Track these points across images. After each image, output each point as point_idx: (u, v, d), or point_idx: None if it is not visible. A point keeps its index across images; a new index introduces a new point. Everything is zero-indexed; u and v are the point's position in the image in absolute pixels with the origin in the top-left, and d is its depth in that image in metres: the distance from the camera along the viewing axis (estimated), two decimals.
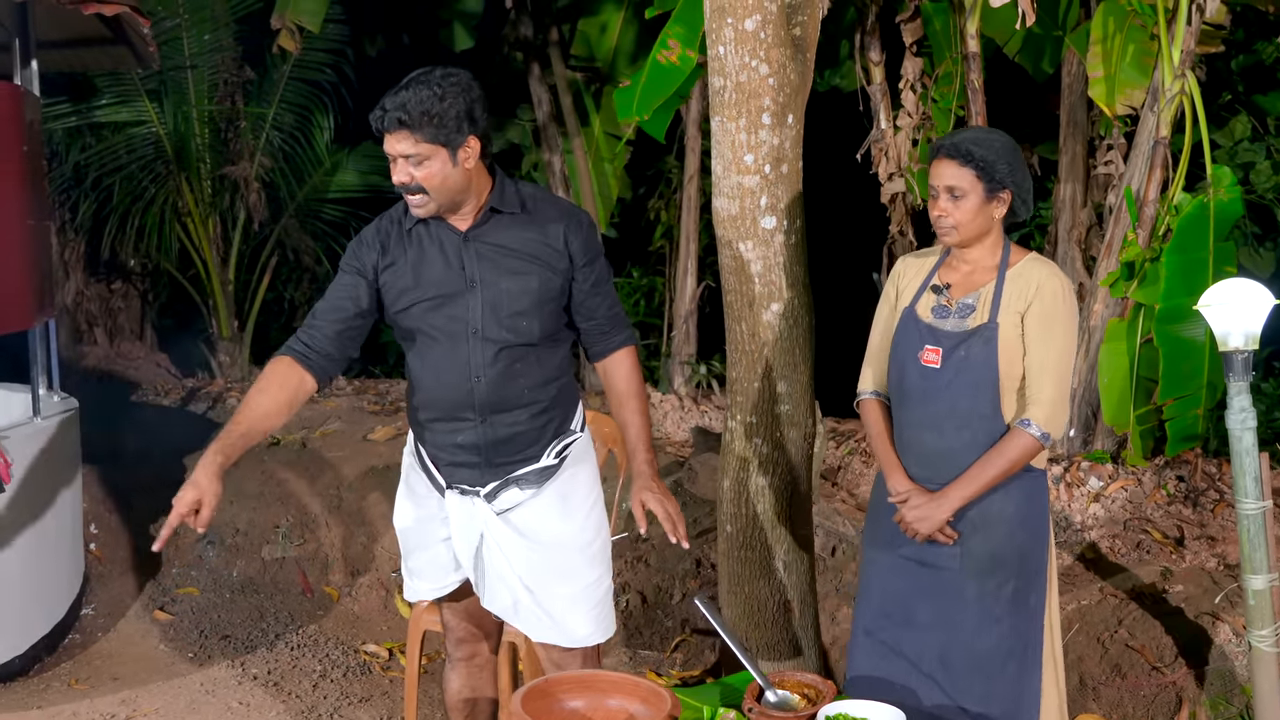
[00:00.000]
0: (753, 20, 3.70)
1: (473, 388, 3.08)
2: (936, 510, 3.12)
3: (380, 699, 4.68)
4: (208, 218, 8.55)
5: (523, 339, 3.08)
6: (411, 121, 2.89)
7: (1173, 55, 5.10)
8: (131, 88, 8.15)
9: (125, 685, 4.77)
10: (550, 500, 3.19)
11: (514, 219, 3.08)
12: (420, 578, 3.33)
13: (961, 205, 3.09)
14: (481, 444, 3.10)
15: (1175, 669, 4.17)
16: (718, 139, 3.86)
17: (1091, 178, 6.36)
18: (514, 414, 3.10)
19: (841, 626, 4.77)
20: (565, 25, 8.44)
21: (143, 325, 10.20)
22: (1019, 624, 3.16)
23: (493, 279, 3.05)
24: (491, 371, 3.07)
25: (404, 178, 2.96)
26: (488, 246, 3.06)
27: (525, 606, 3.18)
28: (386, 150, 2.96)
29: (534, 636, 3.21)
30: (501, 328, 3.05)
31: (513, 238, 3.07)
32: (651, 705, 2.72)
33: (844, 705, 2.81)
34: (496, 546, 3.18)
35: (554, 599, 3.17)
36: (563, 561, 3.19)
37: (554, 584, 3.17)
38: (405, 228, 3.10)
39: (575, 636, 3.20)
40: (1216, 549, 4.89)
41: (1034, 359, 3.08)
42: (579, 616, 3.20)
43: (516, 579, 3.16)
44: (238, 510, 6.03)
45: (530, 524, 3.18)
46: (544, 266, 3.07)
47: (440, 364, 3.10)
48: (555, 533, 3.19)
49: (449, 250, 3.06)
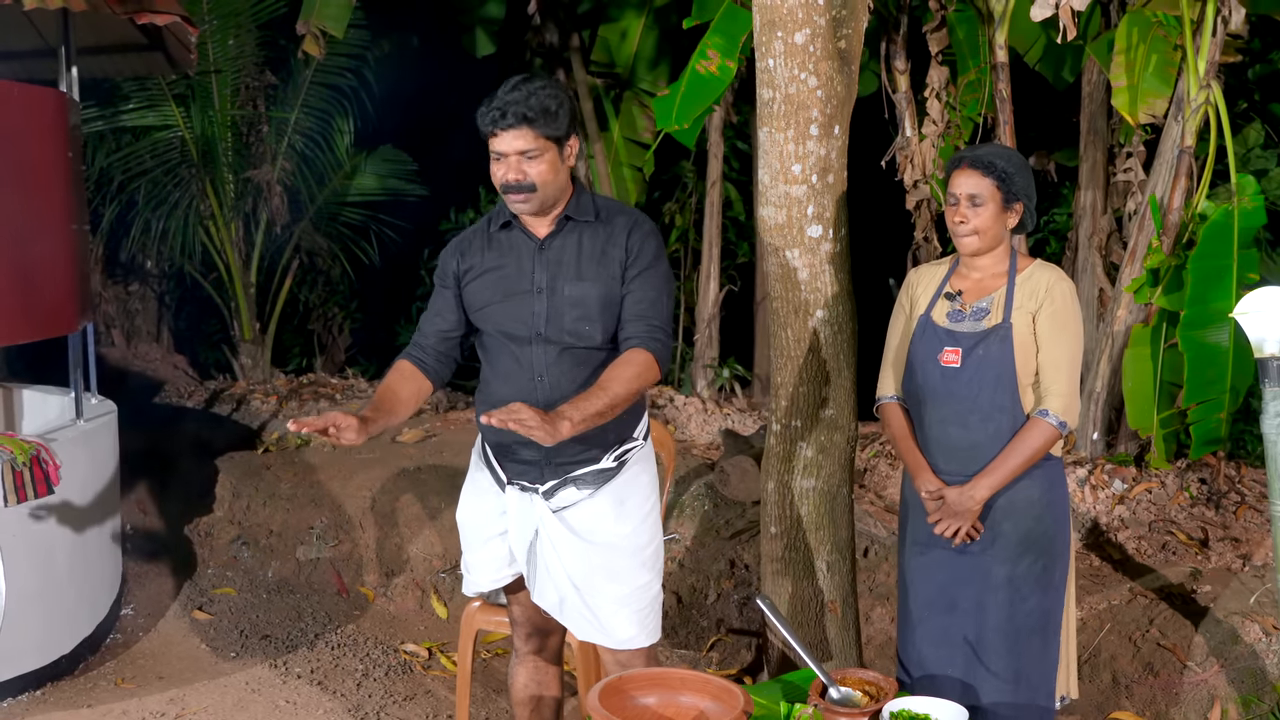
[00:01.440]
0: (802, 34, 3.79)
1: (535, 388, 3.19)
2: (970, 501, 3.33)
3: (424, 698, 4.76)
4: (231, 221, 8.62)
5: (585, 343, 3.18)
6: (535, 117, 3.05)
7: (1198, 66, 5.20)
8: (158, 93, 8.22)
9: (171, 684, 4.85)
10: (606, 502, 3.28)
11: (587, 227, 3.21)
12: (477, 571, 3.44)
13: (981, 213, 3.32)
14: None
15: (1206, 667, 4.26)
16: (765, 149, 3.94)
17: (1111, 185, 6.46)
18: None
19: (875, 626, 4.86)
20: (585, 31, 8.53)
21: (159, 327, 10.28)
22: (1044, 601, 3.39)
23: (559, 285, 3.17)
24: (554, 372, 3.18)
25: (516, 175, 3.09)
26: (559, 254, 3.19)
27: (571, 604, 3.27)
28: (498, 149, 3.09)
29: (578, 635, 3.31)
30: (564, 332, 3.17)
31: (584, 246, 3.19)
32: (723, 702, 2.81)
33: (908, 701, 2.90)
34: (550, 543, 3.27)
35: (600, 599, 3.26)
36: (613, 563, 3.28)
37: (602, 584, 3.26)
38: (491, 232, 3.24)
39: (618, 638, 3.28)
40: (1240, 550, 4.98)
41: (1047, 355, 3.31)
42: (624, 619, 3.28)
43: (565, 577, 3.26)
44: (271, 511, 6.11)
45: (584, 524, 3.27)
46: (609, 274, 3.19)
47: (506, 364, 3.23)
48: (608, 534, 3.27)
49: (524, 257, 3.20)
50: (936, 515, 3.37)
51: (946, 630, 3.45)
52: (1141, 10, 5.49)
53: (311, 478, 6.25)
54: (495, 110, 3.06)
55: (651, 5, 8.05)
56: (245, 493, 6.21)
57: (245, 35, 8.38)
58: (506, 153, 3.08)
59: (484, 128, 3.09)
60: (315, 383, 8.56)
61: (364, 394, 8.13)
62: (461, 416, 7.17)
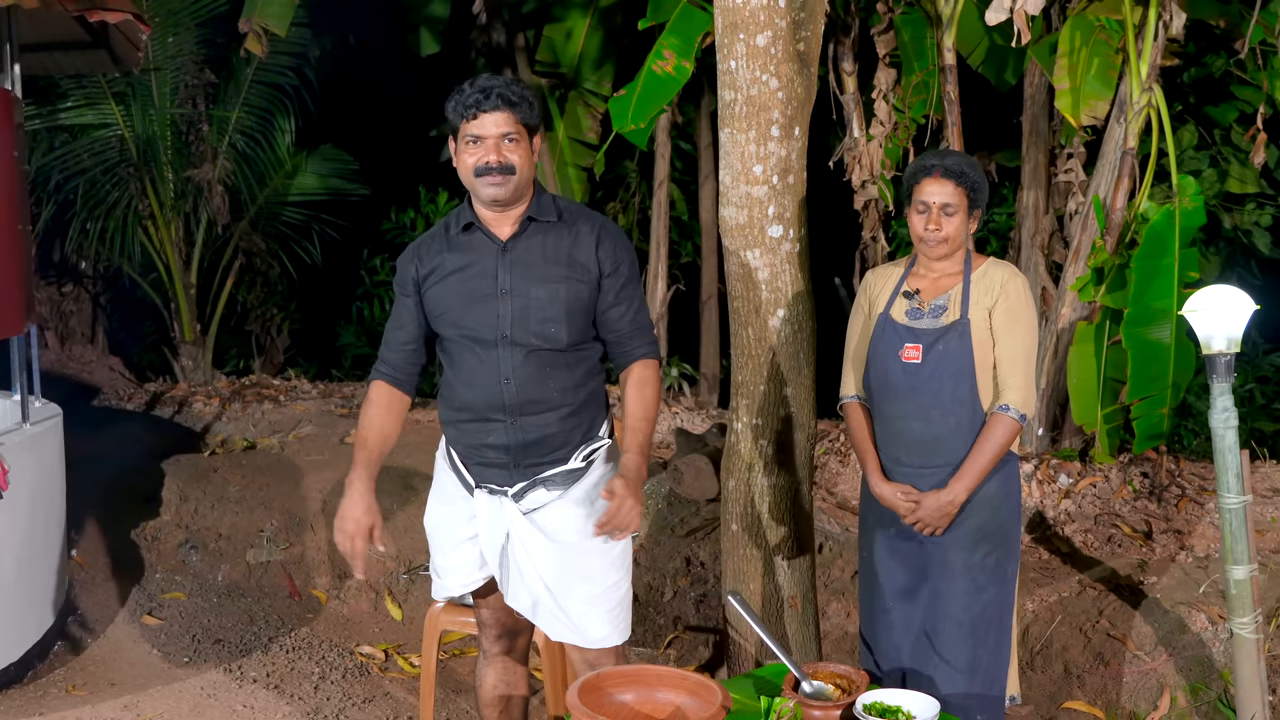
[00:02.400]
0: (764, 36, 3.84)
1: (502, 390, 3.19)
2: (948, 505, 3.42)
3: (383, 700, 4.75)
4: (171, 221, 8.52)
5: (551, 344, 3.20)
6: (517, 101, 3.10)
7: (1140, 69, 5.32)
8: (97, 91, 8.10)
9: (125, 691, 4.79)
10: (575, 502, 3.29)
11: (550, 228, 3.21)
12: (447, 575, 3.42)
13: (953, 220, 3.44)
14: (511, 445, 3.21)
15: (1155, 656, 4.37)
16: (727, 150, 3.98)
17: (1053, 185, 6.58)
18: (543, 416, 3.21)
19: (832, 621, 4.92)
20: (530, 31, 8.54)
21: (94, 329, 10.12)
22: (999, 594, 3.49)
23: (524, 288, 3.17)
24: (521, 374, 3.19)
25: (495, 157, 3.10)
26: (523, 256, 3.19)
27: (545, 606, 3.28)
28: (478, 131, 3.10)
29: (552, 635, 3.32)
30: (530, 334, 3.18)
31: (547, 248, 3.20)
32: (700, 698, 2.84)
33: (880, 694, 2.95)
34: (521, 545, 3.27)
35: (573, 599, 3.27)
36: (584, 563, 3.29)
37: (574, 585, 3.27)
38: (451, 235, 3.24)
39: (591, 638, 3.29)
40: (1184, 542, 5.11)
41: (1004, 350, 3.42)
42: (596, 618, 3.30)
43: (538, 578, 3.27)
44: (220, 515, 6.05)
45: (554, 525, 3.28)
46: (575, 276, 3.20)
47: (473, 367, 3.22)
48: (578, 534, 3.28)
49: (487, 258, 3.20)
50: (913, 518, 3.45)
51: (909, 621, 3.54)
52: (1084, 14, 5.61)
53: (260, 480, 6.19)
54: (477, 93, 3.08)
55: (596, 6, 8.07)
56: (193, 496, 6.13)
57: (185, 33, 8.29)
58: (487, 135, 3.09)
59: (462, 111, 3.10)
60: (258, 384, 8.48)
61: (307, 395, 8.08)
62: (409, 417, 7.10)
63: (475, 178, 3.14)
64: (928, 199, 3.42)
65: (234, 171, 8.69)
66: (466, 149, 3.13)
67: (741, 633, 4.24)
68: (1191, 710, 4.21)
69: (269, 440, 6.84)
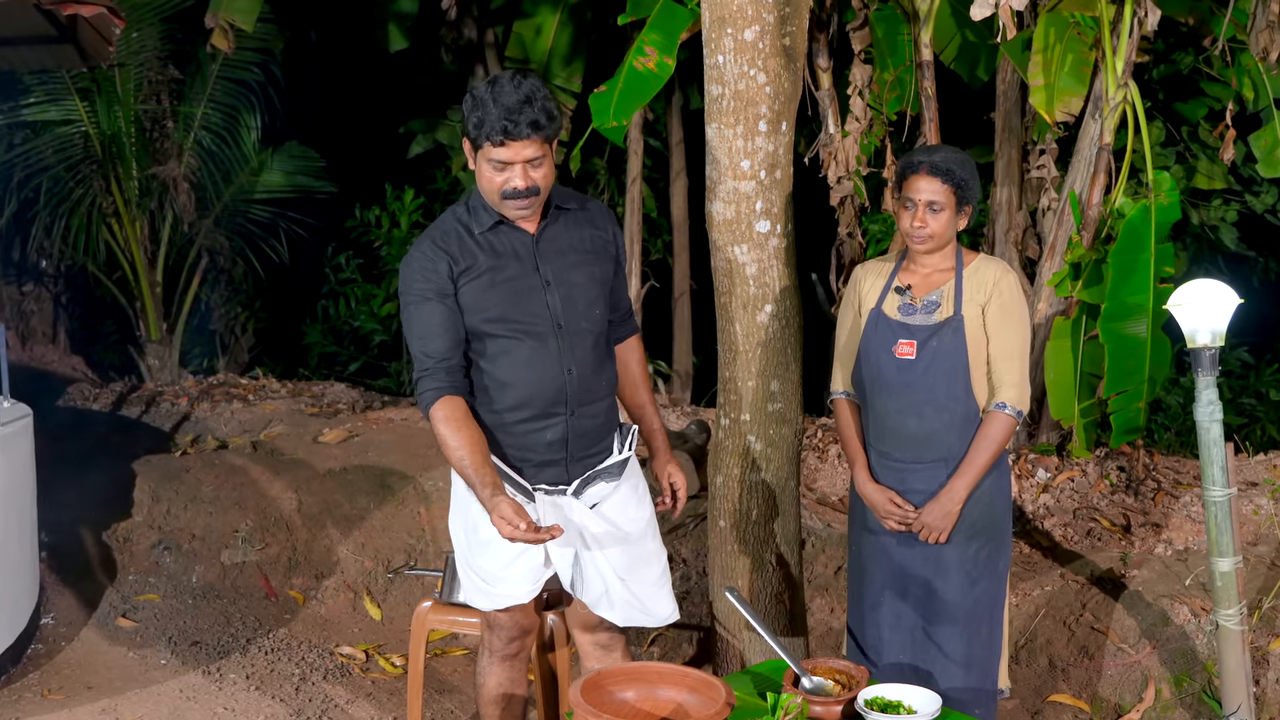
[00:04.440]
0: (752, 31, 3.83)
1: (565, 382, 3.20)
2: (951, 506, 3.43)
3: (365, 700, 4.70)
4: (136, 219, 8.40)
5: (597, 327, 3.25)
6: (544, 124, 3.01)
7: (1115, 65, 5.35)
8: (61, 86, 7.97)
9: (102, 694, 4.72)
10: (629, 489, 3.37)
11: (571, 215, 3.25)
12: (509, 584, 3.34)
13: (940, 217, 3.45)
14: (568, 439, 3.23)
15: (1140, 649, 4.40)
16: (714, 145, 3.97)
17: (1025, 181, 6.61)
18: (596, 405, 3.27)
19: (816, 617, 4.92)
20: (500, 27, 8.49)
21: (55, 328, 9.96)
22: (991, 587, 3.53)
23: (564, 275, 3.19)
24: (580, 362, 3.21)
25: (525, 182, 3.04)
26: (555, 245, 3.20)
27: (616, 594, 3.33)
28: (504, 158, 3.01)
29: (622, 622, 3.38)
30: (580, 318, 3.20)
31: (573, 234, 3.24)
32: (703, 695, 2.83)
33: (881, 689, 2.95)
34: (594, 540, 3.30)
35: (643, 584, 3.35)
36: (645, 548, 3.39)
37: (642, 570, 3.36)
38: (478, 234, 3.17)
39: (660, 616, 3.41)
40: (1162, 535, 5.15)
41: (997, 347, 3.44)
42: (662, 597, 3.42)
43: (611, 570, 3.31)
44: (193, 515, 5.97)
45: (619, 515, 3.34)
46: (601, 256, 3.27)
47: (531, 362, 3.18)
48: (636, 520, 3.37)
49: (522, 253, 3.18)
50: (916, 527, 3.46)
51: (900, 616, 3.56)
52: (1058, 11, 5.63)
53: (234, 480, 6.12)
54: (506, 121, 2.96)
55: (566, 2, 8.03)
56: (165, 496, 6.05)
57: (149, 29, 8.16)
58: (514, 161, 3.02)
59: (489, 134, 2.98)
60: (226, 384, 8.38)
61: (276, 394, 7.99)
62: (383, 416, 7.08)
63: (501, 199, 3.09)
64: (914, 195, 3.44)
65: (199, 169, 8.57)
66: (491, 167, 3.05)
67: (730, 629, 4.23)
68: (1176, 702, 4.25)
69: (240, 439, 6.76)
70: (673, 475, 3.41)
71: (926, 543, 3.46)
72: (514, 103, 2.97)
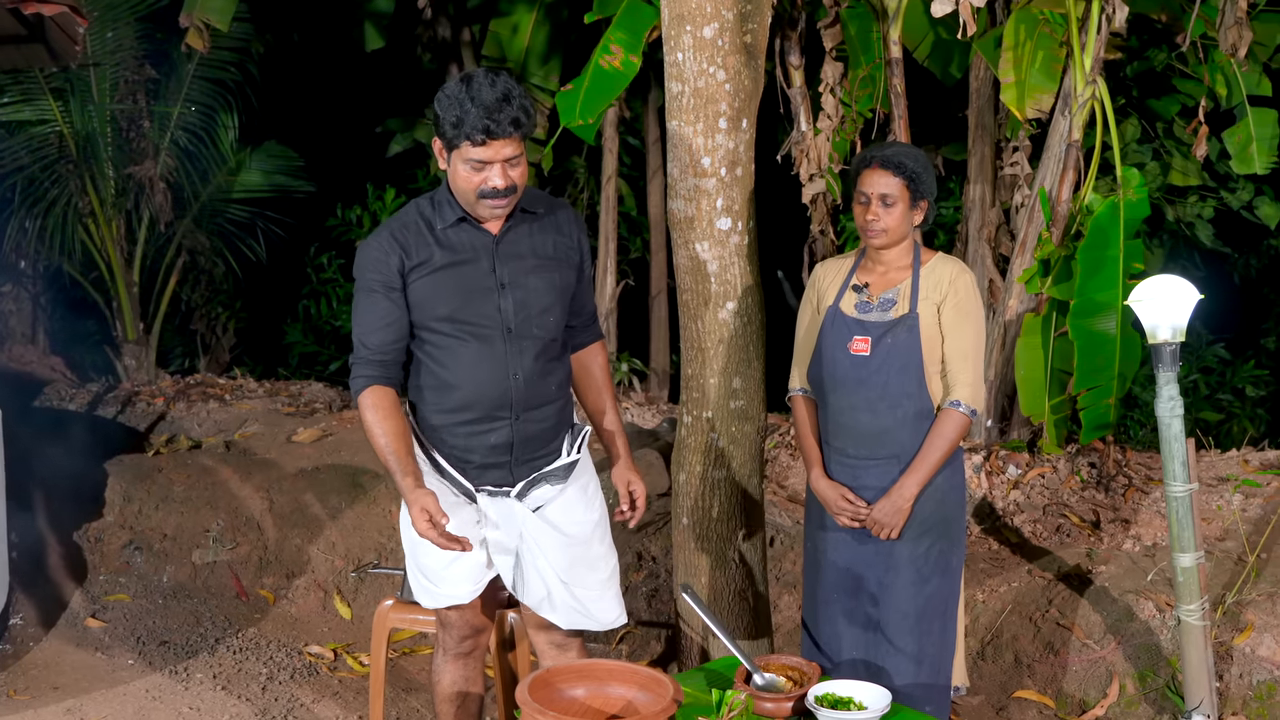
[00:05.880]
0: (711, 28, 3.82)
1: (510, 386, 3.17)
2: (901, 503, 3.43)
3: (332, 699, 4.69)
4: (112, 219, 8.38)
5: (550, 334, 3.22)
6: (524, 123, 2.99)
7: (1084, 62, 5.35)
8: (34, 86, 7.95)
9: (68, 694, 4.70)
10: (576, 493, 3.34)
11: (535, 219, 3.22)
12: (450, 583, 3.32)
13: (892, 212, 3.44)
14: (513, 442, 3.21)
15: (1105, 644, 4.40)
16: (674, 143, 3.96)
17: (999, 178, 6.61)
18: (544, 409, 3.23)
19: (783, 614, 4.92)
20: (476, 26, 8.48)
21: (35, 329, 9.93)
22: (943, 585, 3.53)
23: (520, 279, 3.17)
24: (527, 368, 3.18)
25: (504, 181, 3.01)
26: (516, 249, 3.18)
27: (559, 598, 3.29)
28: (484, 157, 2.98)
29: (564, 625, 3.33)
30: (532, 325, 3.18)
31: (535, 238, 3.21)
32: (652, 691, 2.82)
33: (832, 685, 2.95)
34: (535, 543, 3.27)
35: (586, 588, 3.31)
36: (590, 552, 3.35)
37: (585, 574, 3.31)
38: (438, 229, 3.15)
39: (605, 620, 3.36)
40: (1131, 531, 5.15)
41: (953, 346, 3.45)
42: (607, 601, 3.37)
43: (552, 573, 3.27)
44: (165, 515, 5.95)
45: (562, 518, 3.30)
46: (563, 263, 3.24)
47: (477, 364, 3.17)
48: (582, 523, 3.33)
49: (479, 252, 3.15)
50: (868, 524, 3.46)
51: (852, 612, 3.56)
52: (1028, 8, 5.63)
53: (206, 479, 6.10)
54: (488, 120, 2.93)
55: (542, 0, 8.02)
56: (137, 496, 6.03)
57: (124, 28, 8.14)
58: (494, 160, 2.99)
59: (468, 133, 2.94)
60: (203, 383, 8.36)
61: (253, 394, 7.97)
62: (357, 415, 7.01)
63: (478, 199, 3.05)
64: (868, 190, 3.45)
65: (176, 168, 8.54)
66: (469, 167, 3.01)
67: (693, 626, 4.23)
68: (1140, 698, 4.26)
69: (213, 439, 6.74)
70: (632, 484, 3.38)
71: (879, 539, 3.47)
72: (493, 101, 2.94)
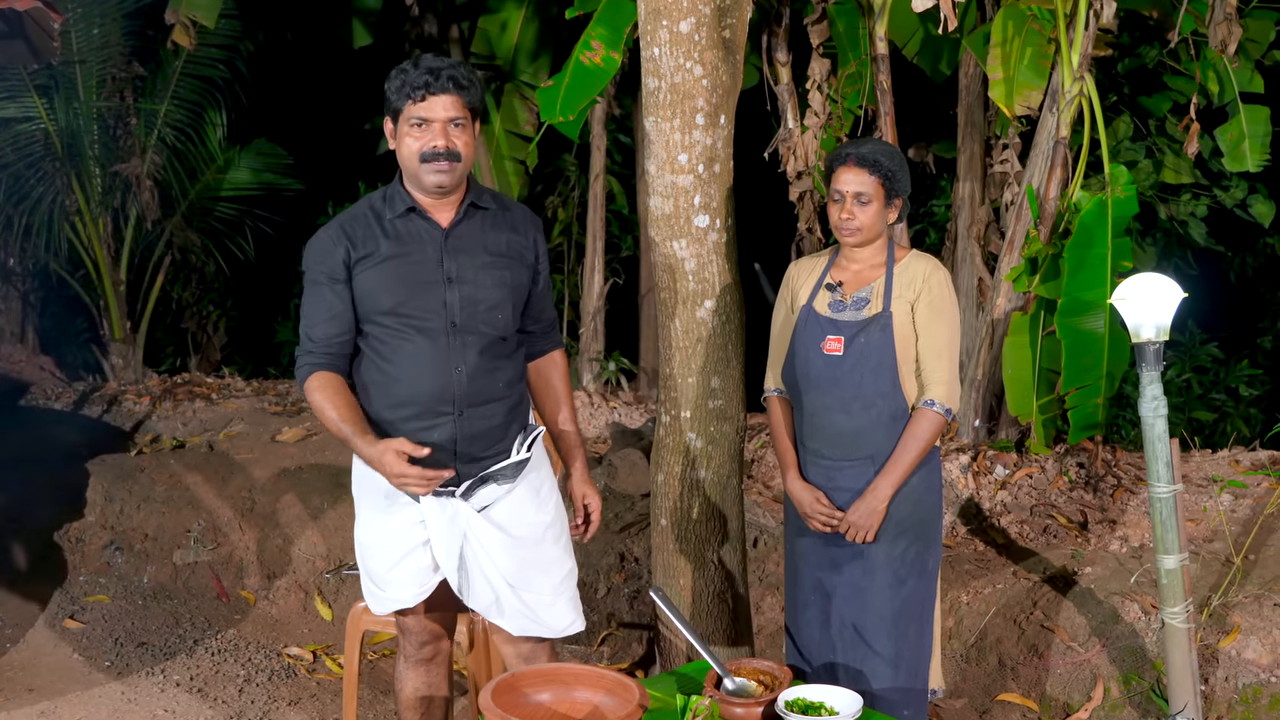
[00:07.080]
0: (687, 23, 3.77)
1: (452, 381, 3.11)
2: (876, 504, 3.39)
3: (309, 701, 4.65)
4: (99, 216, 8.34)
5: (498, 331, 3.16)
6: (466, 85, 3.02)
7: (1071, 59, 5.30)
8: (19, 83, 7.89)
9: (43, 696, 4.66)
10: (525, 494, 3.25)
11: (488, 215, 3.17)
12: (396, 587, 3.26)
13: (867, 210, 3.40)
14: (457, 439, 3.13)
15: (1089, 647, 4.35)
16: (652, 139, 3.91)
17: (988, 176, 6.57)
18: (489, 407, 3.16)
19: (766, 616, 4.87)
20: (465, 23, 8.43)
21: (24, 327, 9.88)
22: (920, 587, 3.49)
23: (470, 275, 3.11)
24: (472, 364, 3.12)
25: (443, 141, 3.01)
26: (465, 243, 3.13)
27: (508, 603, 3.21)
28: (424, 114, 3.00)
29: (515, 631, 3.24)
30: (479, 321, 3.12)
31: (489, 235, 3.16)
32: (618, 696, 2.77)
33: (802, 690, 2.89)
34: (479, 545, 3.19)
35: (535, 593, 3.23)
36: (542, 554, 3.26)
37: (535, 578, 3.23)
38: (387, 219, 3.11)
39: (557, 628, 3.27)
40: (1118, 532, 5.10)
41: (927, 344, 3.40)
42: (560, 607, 3.28)
43: (500, 576, 3.19)
44: (146, 515, 5.91)
45: (509, 519, 3.22)
46: (516, 262, 3.18)
47: (419, 358, 3.11)
48: (532, 526, 3.25)
49: (427, 245, 3.11)
50: (842, 528, 3.41)
51: (829, 616, 3.52)
52: (1016, 4, 5.58)
53: (188, 479, 6.06)
54: (426, 74, 2.98)
55: None
56: (118, 496, 5.99)
57: (111, 24, 8.10)
58: (434, 119, 3.00)
59: (409, 92, 2.99)
60: (190, 382, 8.32)
61: (240, 393, 7.92)
62: None
63: (421, 163, 3.03)
64: (842, 188, 3.41)
65: (164, 166, 8.50)
66: (411, 132, 3.03)
67: (671, 629, 4.17)
68: (1124, 700, 4.20)
69: (197, 439, 6.70)
70: (588, 497, 3.33)
71: (854, 542, 3.42)
72: (434, 64, 3.02)
